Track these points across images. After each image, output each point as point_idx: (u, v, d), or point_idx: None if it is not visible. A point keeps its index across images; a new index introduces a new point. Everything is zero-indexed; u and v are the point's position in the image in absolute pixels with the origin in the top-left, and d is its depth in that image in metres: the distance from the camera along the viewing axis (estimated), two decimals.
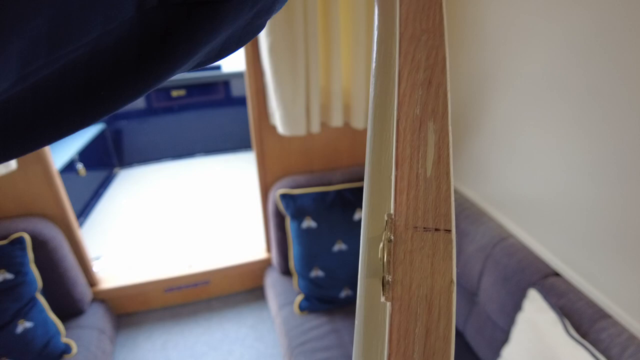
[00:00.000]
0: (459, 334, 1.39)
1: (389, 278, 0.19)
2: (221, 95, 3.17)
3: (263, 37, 1.28)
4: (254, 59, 1.39)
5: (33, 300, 1.34)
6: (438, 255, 0.19)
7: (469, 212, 1.34)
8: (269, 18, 0.23)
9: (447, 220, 0.20)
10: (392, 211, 0.20)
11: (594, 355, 0.88)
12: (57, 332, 1.37)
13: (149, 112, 3.02)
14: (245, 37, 0.23)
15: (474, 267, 1.29)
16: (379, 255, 0.21)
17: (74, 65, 0.16)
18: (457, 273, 1.37)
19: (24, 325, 1.29)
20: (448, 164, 0.21)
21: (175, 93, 2.97)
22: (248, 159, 3.11)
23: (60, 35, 0.14)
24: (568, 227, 1.07)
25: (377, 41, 0.28)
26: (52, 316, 1.38)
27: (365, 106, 1.44)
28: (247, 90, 1.45)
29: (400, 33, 0.27)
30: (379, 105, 0.26)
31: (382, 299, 0.18)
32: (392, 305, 0.18)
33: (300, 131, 1.38)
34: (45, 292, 1.41)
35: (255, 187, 1.63)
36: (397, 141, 0.22)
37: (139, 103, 2.96)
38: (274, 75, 1.29)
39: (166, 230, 2.33)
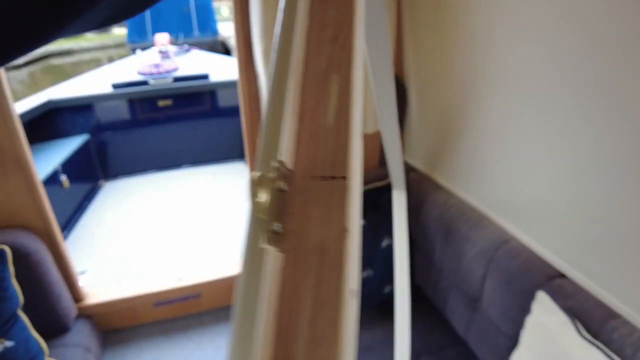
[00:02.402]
0: (462, 342, 1.36)
1: (278, 228, 0.18)
2: (208, 105, 3.12)
3: (257, 41, 1.25)
4: (246, 64, 1.36)
5: (14, 317, 1.25)
6: (333, 203, 0.19)
7: (469, 217, 1.32)
8: None
9: (343, 167, 0.20)
10: (280, 157, 0.20)
11: (608, 356, 0.86)
12: (40, 351, 1.29)
13: (134, 122, 2.95)
14: None
15: (475, 272, 1.27)
16: (263, 200, 0.20)
17: None
18: (458, 278, 1.35)
19: (4, 344, 1.20)
20: (349, 113, 0.21)
21: (161, 103, 2.91)
22: (236, 170, 3.06)
23: None
24: (572, 227, 1.06)
25: (284, 5, 0.28)
26: (35, 334, 1.30)
27: (370, 109, 1.42)
28: (240, 97, 1.42)
29: None
30: (280, 61, 0.27)
31: (262, 244, 0.18)
32: (286, 257, 0.17)
33: None
34: (27, 309, 1.32)
35: (245, 197, 1.59)
36: (301, 94, 0.22)
37: (124, 114, 2.90)
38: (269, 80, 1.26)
39: (154, 243, 2.25)
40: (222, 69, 3.27)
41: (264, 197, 0.20)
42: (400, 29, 1.45)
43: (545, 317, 1.02)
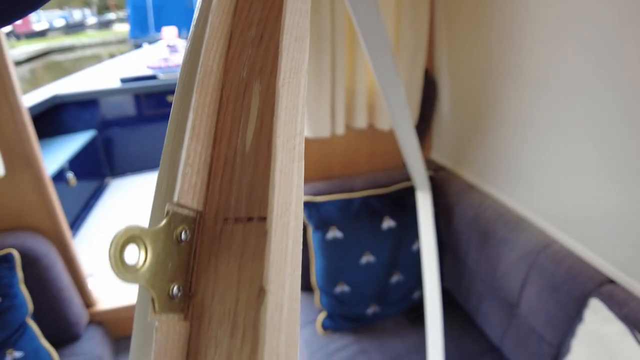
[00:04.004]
0: (496, 349, 1.29)
1: (177, 290, 0.15)
2: None
3: None
4: None
5: (23, 326, 1.17)
6: (248, 254, 0.15)
7: (507, 219, 1.25)
8: None
9: (262, 205, 0.16)
10: (176, 198, 0.16)
11: None
12: None
13: (142, 118, 2.86)
14: None
15: (515, 277, 1.20)
16: (141, 264, 0.15)
17: None
18: (494, 283, 1.28)
19: (12, 355, 1.13)
20: (271, 129, 0.17)
21: (170, 98, 2.83)
22: None
23: None
24: (622, 230, 0.99)
25: (198, 12, 0.23)
26: (45, 343, 1.22)
27: None
28: None
29: None
30: (191, 70, 0.21)
31: (151, 317, 0.14)
32: (189, 328, 0.14)
33: (325, 133, 1.28)
34: (36, 316, 1.24)
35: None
36: (219, 113, 0.19)
37: (132, 109, 2.81)
38: None
39: None
40: None
41: (142, 257, 0.15)
42: (432, 23, 1.37)
43: (601, 326, 0.94)
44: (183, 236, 0.16)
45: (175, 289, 0.15)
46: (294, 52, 0.20)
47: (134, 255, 0.15)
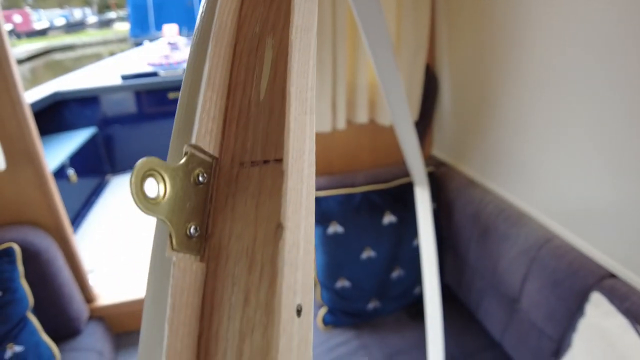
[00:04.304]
0: (497, 345, 1.29)
1: (194, 231, 0.15)
2: None
3: None
4: None
5: (23, 320, 1.17)
6: (264, 193, 0.16)
7: (508, 214, 1.25)
8: None
9: (277, 147, 0.17)
10: (193, 140, 0.17)
11: None
12: (51, 357, 1.21)
13: (143, 115, 2.86)
14: None
15: (516, 272, 1.19)
16: (161, 195, 0.16)
17: None
18: (495, 279, 1.28)
19: (13, 349, 1.13)
20: (284, 80, 0.18)
21: (172, 95, 2.82)
22: None
23: None
24: (623, 225, 0.99)
25: None
26: (45, 338, 1.22)
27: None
28: None
29: None
30: (206, 28, 0.22)
31: (168, 252, 0.15)
32: (205, 268, 0.15)
33: (326, 127, 1.28)
34: (36, 311, 1.24)
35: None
36: (232, 66, 0.20)
37: (133, 106, 2.81)
38: None
39: None
40: None
41: (161, 190, 0.16)
42: (433, 23, 1.37)
43: (602, 320, 0.94)
44: (200, 179, 0.17)
45: (192, 228, 0.15)
46: (305, 11, 0.21)
47: (153, 191, 0.16)
